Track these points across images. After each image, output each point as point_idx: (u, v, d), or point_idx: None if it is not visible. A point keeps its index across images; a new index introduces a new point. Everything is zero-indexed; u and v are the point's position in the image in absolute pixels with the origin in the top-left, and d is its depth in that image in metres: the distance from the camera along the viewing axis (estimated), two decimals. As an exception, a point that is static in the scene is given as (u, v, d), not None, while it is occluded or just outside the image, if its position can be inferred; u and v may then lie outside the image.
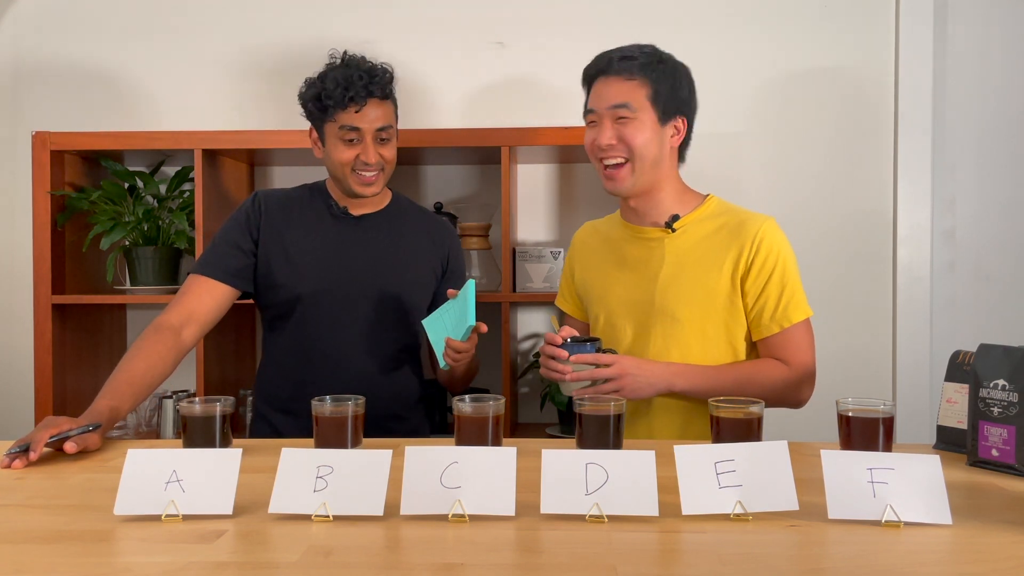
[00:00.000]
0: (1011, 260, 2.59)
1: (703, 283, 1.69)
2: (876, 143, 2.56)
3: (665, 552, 0.99)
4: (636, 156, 1.67)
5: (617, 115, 1.67)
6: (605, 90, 1.69)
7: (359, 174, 1.82)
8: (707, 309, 1.69)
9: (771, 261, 1.66)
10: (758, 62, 2.57)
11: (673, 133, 1.72)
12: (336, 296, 1.84)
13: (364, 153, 1.80)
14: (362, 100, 1.78)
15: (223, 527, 1.05)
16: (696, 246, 1.71)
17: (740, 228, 1.69)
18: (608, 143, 1.67)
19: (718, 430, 1.31)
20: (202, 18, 2.64)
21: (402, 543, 1.01)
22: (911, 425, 2.51)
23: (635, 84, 1.67)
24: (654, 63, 1.68)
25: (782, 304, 1.66)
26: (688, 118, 1.73)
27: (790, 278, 1.67)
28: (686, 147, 1.77)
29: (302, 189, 1.97)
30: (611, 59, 1.69)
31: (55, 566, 0.93)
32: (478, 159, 2.53)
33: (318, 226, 1.89)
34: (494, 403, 1.30)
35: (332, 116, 1.80)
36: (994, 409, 1.31)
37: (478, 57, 2.60)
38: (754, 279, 1.67)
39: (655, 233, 1.75)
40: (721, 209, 1.76)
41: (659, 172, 1.71)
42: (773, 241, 1.67)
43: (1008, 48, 2.58)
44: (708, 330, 1.69)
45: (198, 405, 1.35)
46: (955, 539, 1.00)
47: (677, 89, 1.69)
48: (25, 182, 2.55)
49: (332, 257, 1.86)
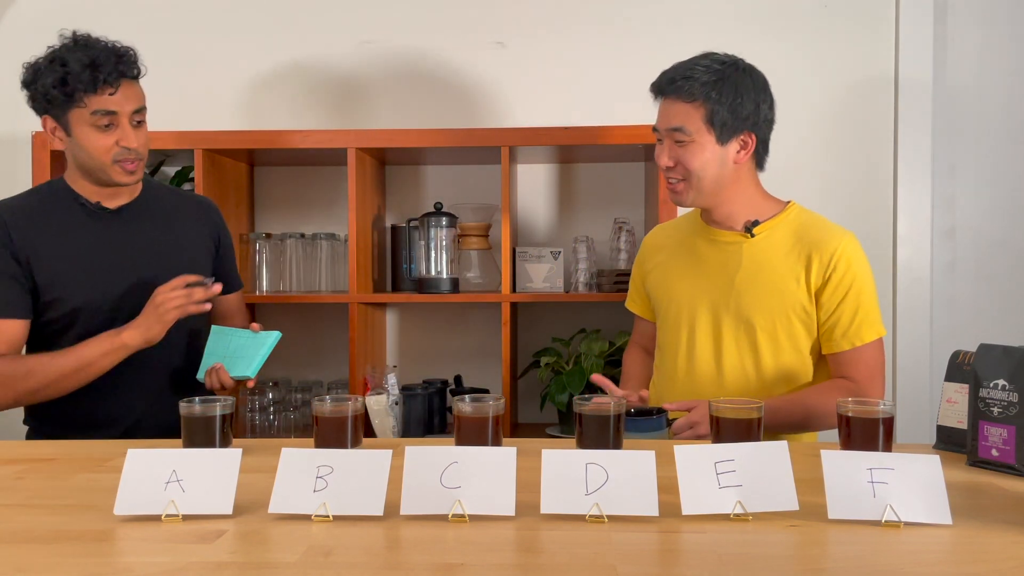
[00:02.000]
0: (1011, 260, 2.59)
1: (779, 290, 1.69)
2: (876, 143, 2.55)
3: (665, 552, 0.99)
4: (694, 177, 1.68)
5: (675, 137, 1.67)
6: (665, 110, 1.69)
7: (121, 163, 1.70)
8: (780, 316, 1.68)
9: (848, 278, 1.66)
10: (758, 62, 2.56)
11: (739, 148, 1.69)
12: (121, 296, 1.74)
13: (124, 138, 1.68)
14: (115, 81, 1.65)
15: (223, 527, 1.05)
16: (774, 253, 1.71)
17: (820, 240, 1.69)
18: (667, 164, 1.70)
19: (718, 430, 1.31)
20: (202, 18, 2.64)
21: (402, 543, 1.01)
22: (911, 425, 2.51)
23: (692, 107, 1.65)
24: (714, 82, 1.64)
25: (856, 322, 1.66)
26: (757, 132, 1.70)
27: (866, 297, 1.67)
28: (763, 156, 1.75)
29: (37, 193, 1.81)
30: (672, 78, 1.68)
31: (55, 566, 0.93)
32: (478, 159, 2.53)
33: (76, 228, 1.74)
34: (494, 403, 1.30)
35: (81, 101, 1.64)
36: (994, 409, 1.31)
37: (478, 57, 2.60)
38: (830, 294, 1.67)
39: (733, 237, 1.75)
40: (803, 218, 1.75)
41: (723, 187, 1.71)
42: (853, 259, 1.67)
43: (1008, 48, 2.58)
44: (780, 337, 1.69)
45: (198, 405, 1.35)
46: (955, 539, 1.00)
47: (739, 108, 1.66)
48: (25, 183, 2.54)
49: (104, 257, 1.75)
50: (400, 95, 2.63)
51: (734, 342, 1.71)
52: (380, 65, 2.62)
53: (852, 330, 1.66)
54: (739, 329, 1.71)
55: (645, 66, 2.56)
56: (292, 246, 2.50)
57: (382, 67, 2.62)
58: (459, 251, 2.48)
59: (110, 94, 1.66)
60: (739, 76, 1.67)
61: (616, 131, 2.27)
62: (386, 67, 2.62)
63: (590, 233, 2.54)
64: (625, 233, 2.45)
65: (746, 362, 1.71)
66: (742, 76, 1.68)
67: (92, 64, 1.63)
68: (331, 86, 2.63)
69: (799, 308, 1.68)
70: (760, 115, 1.70)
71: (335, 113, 2.63)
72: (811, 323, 1.69)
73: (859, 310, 1.66)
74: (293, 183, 2.69)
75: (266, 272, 2.50)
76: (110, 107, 1.66)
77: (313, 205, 2.68)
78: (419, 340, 2.69)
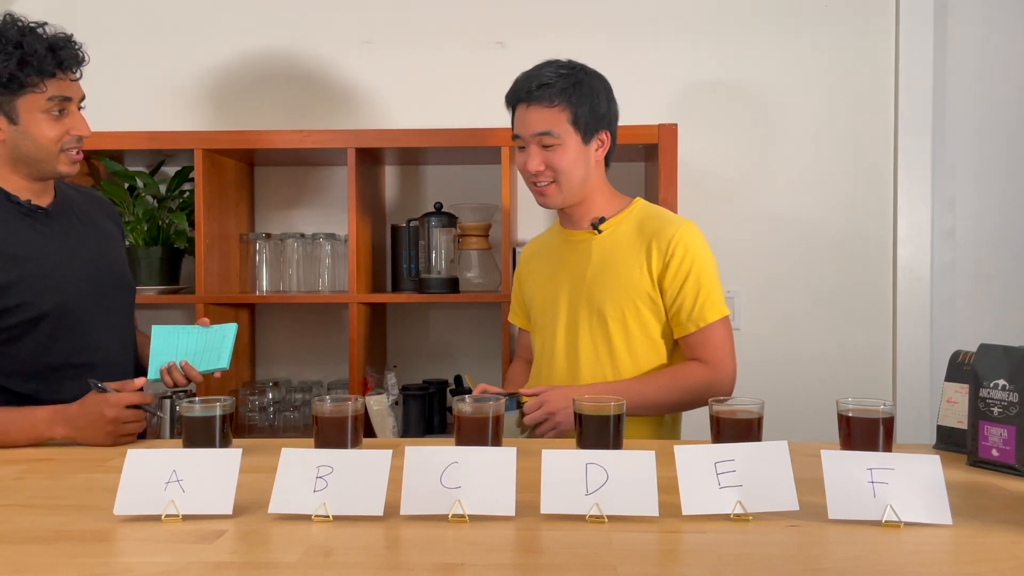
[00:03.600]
0: (1011, 260, 2.59)
1: (625, 280, 1.76)
2: (876, 143, 2.56)
3: (665, 552, 0.99)
4: (564, 177, 1.75)
5: (542, 142, 1.73)
6: (528, 117, 1.74)
7: (67, 152, 1.63)
8: (628, 304, 1.75)
9: (687, 263, 1.73)
10: (759, 62, 2.57)
11: (598, 147, 1.78)
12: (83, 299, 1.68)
13: (75, 127, 1.62)
14: (76, 67, 1.61)
15: (223, 527, 1.05)
16: (619, 246, 1.79)
17: (659, 229, 1.76)
18: (537, 169, 1.74)
19: (718, 430, 1.31)
20: (202, 18, 2.64)
21: (402, 543, 1.01)
22: (911, 425, 2.51)
23: (556, 111, 1.72)
24: (572, 87, 1.72)
25: (699, 304, 1.73)
26: (610, 130, 1.79)
27: (706, 279, 1.74)
28: (611, 155, 1.83)
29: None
30: (530, 88, 1.73)
31: (55, 566, 0.93)
32: (478, 159, 2.53)
33: (17, 228, 1.64)
34: (494, 403, 1.30)
35: (36, 87, 1.57)
36: (994, 409, 1.31)
37: (478, 57, 2.60)
38: (671, 279, 1.73)
39: (583, 235, 1.83)
40: (645, 212, 1.83)
41: (587, 185, 1.79)
42: (690, 244, 1.73)
43: (1008, 48, 2.58)
44: (630, 324, 1.76)
45: (198, 405, 1.35)
46: (955, 539, 1.00)
47: (596, 107, 1.74)
48: (25, 182, 2.55)
49: (57, 258, 1.67)
50: (400, 95, 2.62)
51: (589, 334, 1.78)
52: (380, 65, 2.62)
53: (696, 312, 1.73)
54: (592, 321, 1.77)
55: (645, 66, 2.58)
56: (292, 246, 2.50)
57: (382, 67, 2.62)
58: (459, 251, 2.48)
59: (72, 80, 1.62)
60: (589, 79, 1.76)
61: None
62: (386, 67, 2.62)
63: (590, 233, 2.54)
64: (625, 233, 2.45)
65: (600, 352, 1.77)
66: (592, 78, 1.76)
67: (51, 47, 1.57)
68: (331, 86, 2.63)
69: (644, 295, 1.75)
70: (612, 113, 1.80)
71: (335, 113, 2.63)
72: (658, 309, 1.76)
73: (700, 292, 1.73)
74: (293, 183, 2.69)
75: (266, 272, 2.50)
76: (67, 93, 1.61)
77: (313, 205, 2.68)
78: (419, 340, 2.69)
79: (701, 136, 2.55)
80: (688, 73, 2.57)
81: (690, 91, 2.57)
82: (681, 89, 2.57)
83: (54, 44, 1.57)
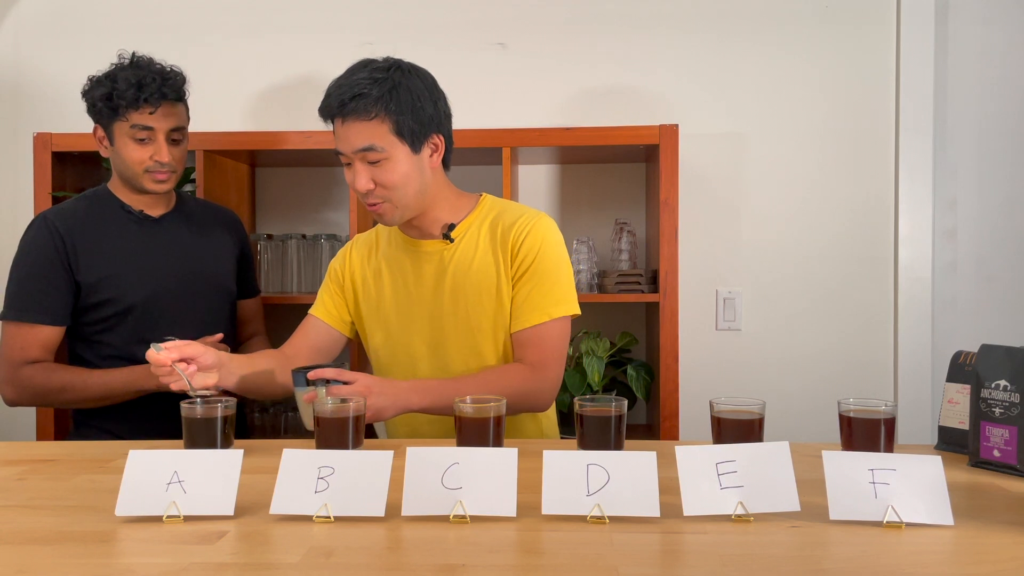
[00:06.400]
0: (1012, 260, 2.59)
1: (488, 287, 1.64)
2: (877, 143, 2.55)
3: (666, 553, 0.99)
4: (397, 194, 1.58)
5: (367, 158, 1.55)
6: (346, 133, 1.55)
7: (152, 173, 1.86)
8: (496, 313, 1.63)
9: (530, 257, 1.62)
10: (759, 62, 2.57)
11: (432, 152, 1.62)
12: (171, 296, 1.90)
13: (157, 153, 1.84)
14: (156, 102, 1.82)
15: (224, 528, 1.05)
16: (475, 252, 1.66)
17: (510, 223, 1.65)
18: (366, 188, 1.57)
19: (719, 431, 1.31)
20: (202, 19, 2.65)
21: (403, 544, 1.01)
22: (912, 426, 2.51)
23: (375, 123, 1.53)
24: (388, 93, 1.53)
25: (531, 300, 1.61)
26: (442, 132, 1.63)
27: (545, 276, 1.61)
28: (449, 156, 1.67)
29: (84, 201, 1.95)
30: (342, 101, 1.54)
31: (57, 567, 0.93)
32: (478, 159, 2.53)
33: (124, 232, 1.91)
34: (495, 403, 1.30)
35: (123, 115, 1.82)
36: (996, 410, 1.31)
37: (478, 57, 2.60)
38: (517, 273, 1.63)
39: (434, 245, 1.68)
40: (496, 209, 1.70)
41: (426, 195, 1.63)
42: (536, 237, 1.62)
43: (1009, 48, 2.58)
44: (500, 335, 1.64)
45: (199, 406, 1.35)
46: (957, 540, 1.00)
47: (420, 111, 1.56)
48: (26, 183, 2.55)
49: (153, 259, 1.91)
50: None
51: (457, 351, 1.65)
52: (381, 66, 2.61)
53: (528, 308, 1.61)
54: (460, 337, 1.64)
55: (646, 67, 2.58)
56: (293, 247, 2.50)
57: (383, 68, 2.61)
58: (460, 252, 2.47)
59: (150, 112, 1.82)
60: (408, 79, 1.57)
61: (617, 131, 2.27)
62: (387, 68, 2.61)
63: (591, 234, 2.54)
64: (626, 234, 2.45)
65: (472, 367, 1.64)
66: (411, 78, 1.58)
67: (138, 84, 1.80)
68: (332, 87, 2.63)
69: (507, 300, 1.63)
70: (440, 113, 1.62)
71: (336, 114, 2.63)
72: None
73: (535, 288, 1.61)
74: (294, 184, 2.69)
75: (268, 273, 2.50)
76: (147, 123, 1.83)
77: (314, 206, 2.68)
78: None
79: (701, 136, 2.56)
80: (689, 73, 2.57)
81: (692, 92, 2.57)
82: (682, 89, 2.57)
83: (141, 81, 1.80)
